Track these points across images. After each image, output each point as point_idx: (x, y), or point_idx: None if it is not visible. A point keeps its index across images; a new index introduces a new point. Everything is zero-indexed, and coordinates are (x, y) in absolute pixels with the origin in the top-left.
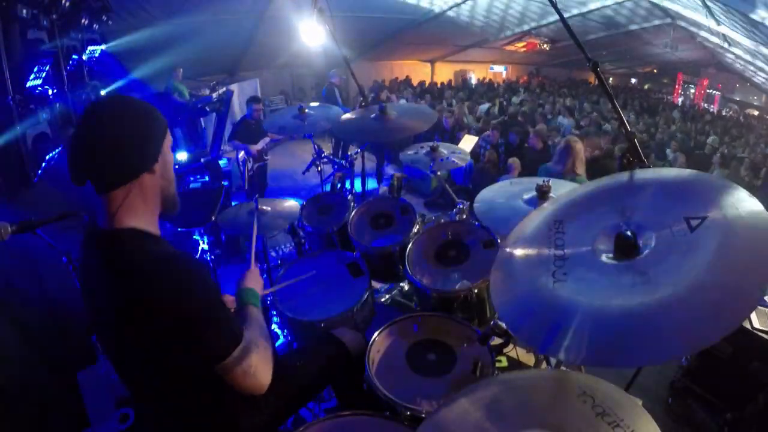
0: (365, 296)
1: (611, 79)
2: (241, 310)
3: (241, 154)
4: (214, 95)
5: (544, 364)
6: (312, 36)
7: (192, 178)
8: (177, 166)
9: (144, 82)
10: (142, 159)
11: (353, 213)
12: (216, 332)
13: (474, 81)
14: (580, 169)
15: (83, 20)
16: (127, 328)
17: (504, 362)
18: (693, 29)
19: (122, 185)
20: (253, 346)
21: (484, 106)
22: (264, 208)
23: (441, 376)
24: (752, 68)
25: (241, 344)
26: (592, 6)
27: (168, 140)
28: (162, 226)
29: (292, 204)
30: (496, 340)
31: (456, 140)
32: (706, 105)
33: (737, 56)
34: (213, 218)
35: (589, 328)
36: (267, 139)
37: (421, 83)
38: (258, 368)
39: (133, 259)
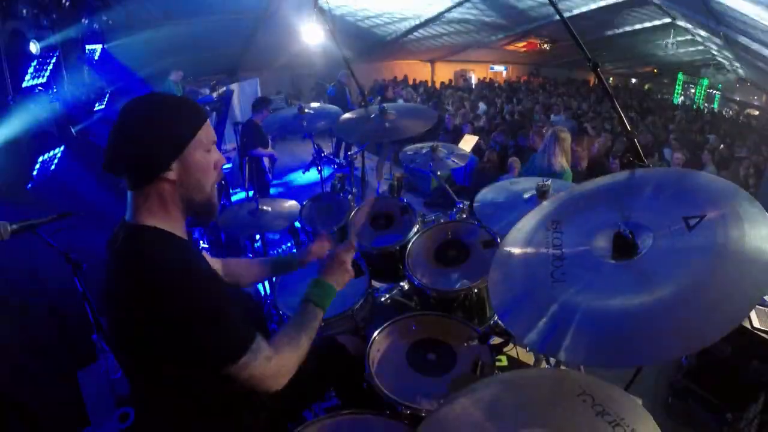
0: (365, 296)
1: (611, 79)
2: (299, 306)
3: (266, 159)
4: (214, 95)
5: (544, 364)
6: (312, 36)
7: None
8: None
9: (145, 82)
10: (157, 162)
11: (353, 213)
12: (218, 339)
13: (474, 81)
14: (564, 161)
15: (83, 20)
16: (131, 321)
17: (504, 362)
18: (693, 29)
19: (140, 187)
20: (269, 354)
21: (484, 106)
22: (264, 208)
23: (441, 376)
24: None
25: (247, 353)
26: (593, 6)
27: (198, 143)
28: None
29: (292, 204)
30: (496, 340)
31: (457, 140)
32: (706, 105)
33: (737, 55)
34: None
35: (589, 328)
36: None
37: (423, 83)
38: (266, 379)
39: (149, 256)
